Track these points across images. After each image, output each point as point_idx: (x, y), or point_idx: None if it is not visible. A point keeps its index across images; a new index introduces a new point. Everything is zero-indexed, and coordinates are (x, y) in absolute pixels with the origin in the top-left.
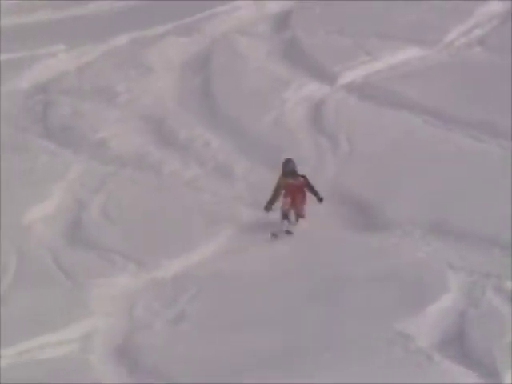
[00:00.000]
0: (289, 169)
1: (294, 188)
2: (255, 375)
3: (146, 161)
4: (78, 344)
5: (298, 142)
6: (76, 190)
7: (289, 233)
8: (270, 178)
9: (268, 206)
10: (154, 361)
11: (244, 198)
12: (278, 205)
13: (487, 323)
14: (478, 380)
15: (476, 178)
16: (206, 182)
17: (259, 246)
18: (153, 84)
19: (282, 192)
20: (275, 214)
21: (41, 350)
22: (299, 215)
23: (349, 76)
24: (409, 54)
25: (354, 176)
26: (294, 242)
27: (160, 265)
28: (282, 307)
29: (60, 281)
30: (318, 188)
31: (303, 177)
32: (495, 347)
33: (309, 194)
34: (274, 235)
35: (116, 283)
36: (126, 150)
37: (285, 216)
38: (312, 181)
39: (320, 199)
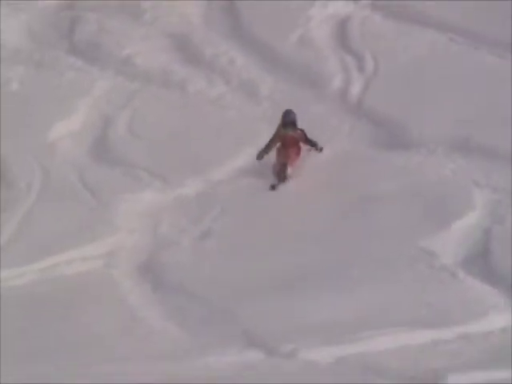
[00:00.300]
0: (289, 119)
1: (292, 140)
2: (282, 293)
3: (172, 78)
4: (102, 260)
5: (324, 60)
6: (102, 107)
7: (273, 188)
8: (295, 97)
9: (260, 155)
10: (179, 278)
11: (269, 116)
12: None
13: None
14: (501, 297)
15: (501, 95)
16: (231, 100)
17: None
18: (178, 2)
19: (278, 144)
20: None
21: (66, 266)
22: (292, 165)
23: None
24: None
25: (379, 94)
26: (320, 159)
27: (185, 182)
28: (308, 226)
29: (85, 197)
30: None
31: (302, 130)
32: None
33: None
34: (273, 187)
35: (141, 200)
36: (151, 67)
37: (279, 170)
38: (339, 100)
39: (320, 149)
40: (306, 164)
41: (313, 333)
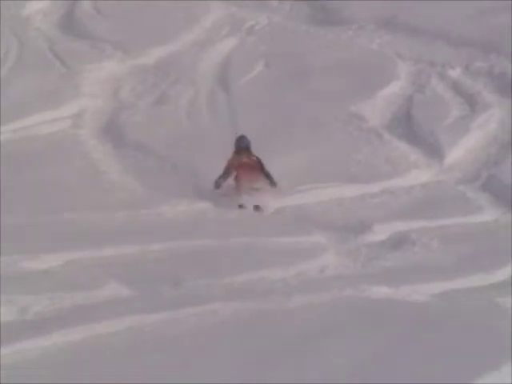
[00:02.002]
0: (243, 144)
1: (247, 165)
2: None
3: None
4: (69, 121)
5: None
6: None
7: (242, 206)
8: None
9: (218, 183)
10: (137, 137)
11: None
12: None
13: (431, 107)
14: (422, 156)
15: None
16: None
17: None
18: None
19: (234, 173)
20: None
21: (37, 127)
22: (259, 188)
23: None
24: None
25: None
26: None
27: (144, 52)
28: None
29: (55, 66)
30: None
31: (257, 157)
32: (438, 128)
33: None
34: (241, 206)
35: (104, 68)
36: None
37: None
38: None
39: (273, 184)
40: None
41: None
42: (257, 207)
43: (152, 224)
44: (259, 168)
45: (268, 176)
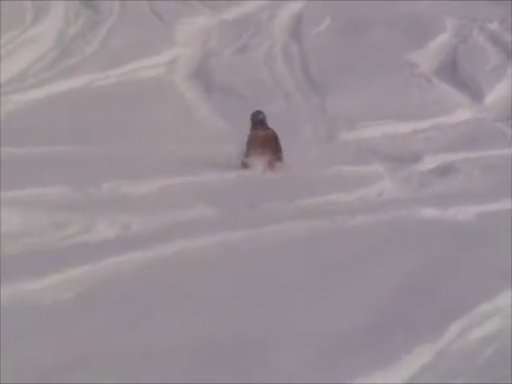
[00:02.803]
0: (259, 119)
1: (265, 139)
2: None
3: None
4: (164, 68)
5: None
6: None
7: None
8: None
9: (245, 163)
10: (223, 80)
11: None
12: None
13: (473, 55)
14: (465, 98)
15: None
16: None
17: None
18: None
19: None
20: None
21: (138, 72)
22: (277, 161)
23: None
24: None
25: None
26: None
27: (228, 9)
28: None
29: (153, 21)
30: None
31: (272, 130)
32: (478, 73)
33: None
34: (245, 165)
35: (195, 22)
36: None
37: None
38: None
39: (279, 158)
40: None
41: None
42: (267, 168)
43: (234, 156)
44: (274, 140)
45: (279, 149)
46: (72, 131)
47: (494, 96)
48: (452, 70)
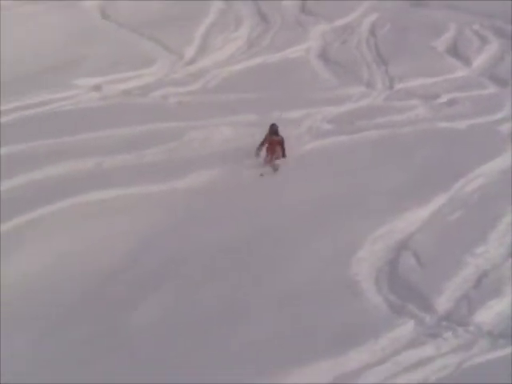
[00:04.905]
0: (273, 130)
1: (274, 142)
2: None
3: None
4: (304, 52)
5: None
6: None
7: (262, 175)
8: None
9: (257, 152)
10: (335, 58)
11: None
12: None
13: (465, 41)
14: (461, 64)
15: None
16: None
17: None
18: None
19: (267, 145)
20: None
21: (290, 54)
22: (278, 158)
23: None
24: None
25: None
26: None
27: (336, 20)
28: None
29: (297, 27)
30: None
31: (281, 137)
32: (469, 50)
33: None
34: (262, 175)
35: (314, 28)
36: None
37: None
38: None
39: (284, 155)
40: None
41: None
42: (275, 168)
43: (344, 97)
44: (281, 143)
45: (283, 150)
46: (256, 84)
47: (477, 63)
48: (454, 49)
